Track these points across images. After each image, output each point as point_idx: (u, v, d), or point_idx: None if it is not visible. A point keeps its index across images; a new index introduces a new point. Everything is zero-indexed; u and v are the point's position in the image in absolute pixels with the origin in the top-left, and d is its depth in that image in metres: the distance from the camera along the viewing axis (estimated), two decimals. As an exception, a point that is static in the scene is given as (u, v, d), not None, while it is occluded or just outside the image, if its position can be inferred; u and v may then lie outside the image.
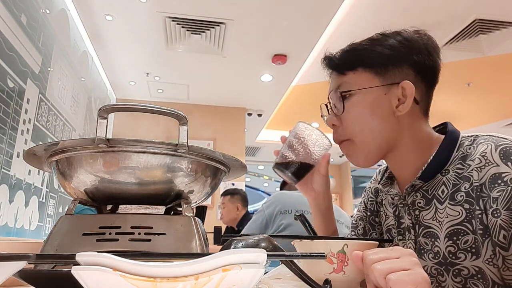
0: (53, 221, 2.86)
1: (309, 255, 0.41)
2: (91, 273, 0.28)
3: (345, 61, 0.79)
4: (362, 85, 0.77)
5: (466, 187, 0.69)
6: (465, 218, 0.68)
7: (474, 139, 0.73)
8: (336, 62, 0.80)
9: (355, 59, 0.78)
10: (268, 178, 10.82)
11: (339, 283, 0.60)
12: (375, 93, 0.76)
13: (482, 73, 4.46)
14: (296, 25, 3.42)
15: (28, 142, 2.37)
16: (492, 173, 0.65)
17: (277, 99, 5.07)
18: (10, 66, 2.13)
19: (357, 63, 0.78)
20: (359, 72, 0.77)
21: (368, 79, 0.77)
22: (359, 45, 0.79)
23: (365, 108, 0.76)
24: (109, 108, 0.53)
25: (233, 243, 0.52)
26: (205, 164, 0.59)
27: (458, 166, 0.72)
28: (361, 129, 0.77)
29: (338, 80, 0.80)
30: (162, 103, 4.99)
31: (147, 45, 3.80)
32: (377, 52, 0.76)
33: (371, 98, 0.76)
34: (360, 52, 0.78)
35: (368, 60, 0.77)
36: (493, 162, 0.65)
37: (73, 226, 0.53)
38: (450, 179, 0.72)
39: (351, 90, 0.77)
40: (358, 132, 0.77)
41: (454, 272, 0.69)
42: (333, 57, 0.81)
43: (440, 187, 0.74)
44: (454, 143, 0.75)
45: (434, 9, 3.23)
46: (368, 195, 0.98)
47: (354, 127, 0.78)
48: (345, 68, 0.79)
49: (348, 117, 0.78)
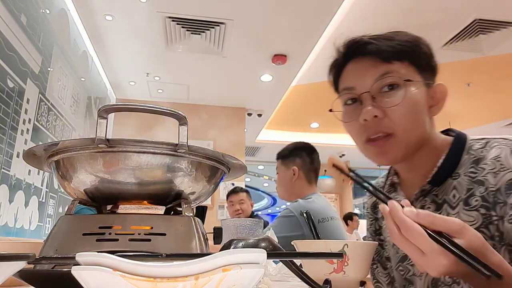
0: (53, 221, 2.86)
1: (326, 253, 0.41)
2: (91, 273, 0.28)
3: (391, 48, 0.72)
4: (411, 78, 0.72)
5: (481, 191, 0.67)
6: (482, 224, 0.66)
7: (487, 142, 0.72)
8: (381, 48, 0.72)
9: (405, 50, 0.73)
10: (268, 178, 10.81)
11: (339, 283, 0.60)
12: (422, 88, 0.73)
13: (482, 73, 4.46)
14: (296, 25, 3.42)
15: (28, 142, 2.37)
16: (508, 178, 0.64)
17: (277, 99, 5.07)
18: (10, 66, 2.13)
19: (406, 55, 0.72)
20: (406, 65, 0.72)
21: (413, 73, 0.73)
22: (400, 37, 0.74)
23: (417, 102, 0.72)
24: (109, 108, 0.53)
25: (233, 243, 0.52)
26: (205, 164, 0.59)
27: (471, 170, 0.70)
28: (410, 123, 0.71)
29: (381, 67, 0.72)
30: (162, 103, 4.99)
31: (147, 45, 3.80)
32: (423, 49, 0.74)
33: (420, 94, 0.72)
34: (407, 44, 0.73)
35: (415, 54, 0.73)
36: (509, 167, 0.64)
37: (73, 226, 0.53)
38: (462, 183, 0.71)
39: (413, 80, 0.71)
40: (407, 126, 0.71)
41: None
42: (374, 41, 0.74)
43: (451, 192, 0.72)
44: (462, 145, 0.74)
45: (434, 9, 3.23)
46: (368, 217, 0.96)
47: (404, 120, 0.71)
48: (393, 56, 0.72)
49: (399, 110, 0.70)
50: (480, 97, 5.13)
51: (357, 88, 0.74)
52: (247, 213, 3.34)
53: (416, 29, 0.79)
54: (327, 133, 6.75)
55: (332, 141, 6.86)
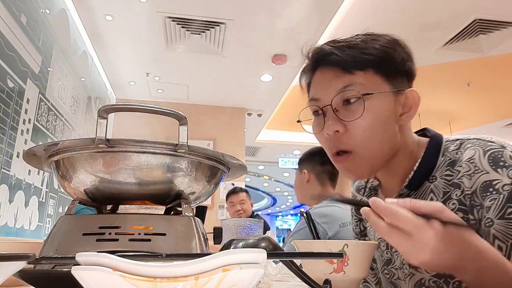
0: (53, 221, 2.86)
1: (327, 253, 0.41)
2: (91, 273, 0.28)
3: (355, 58, 0.69)
4: (374, 88, 0.69)
5: (457, 194, 0.66)
6: None
7: (461, 143, 0.70)
8: (342, 58, 0.70)
9: (367, 59, 0.69)
10: (268, 178, 10.81)
11: (339, 283, 0.60)
12: (387, 99, 0.70)
13: (482, 73, 4.46)
14: (296, 25, 3.43)
15: (28, 142, 2.37)
16: (482, 180, 0.62)
17: (277, 99, 5.07)
18: (10, 66, 2.13)
19: (369, 64, 0.69)
20: (369, 74, 0.69)
21: (378, 82, 0.70)
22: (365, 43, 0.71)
23: (379, 115, 0.68)
24: (109, 108, 0.53)
25: (233, 243, 0.52)
26: (205, 164, 0.59)
27: (447, 173, 0.69)
28: (371, 139, 0.68)
29: (343, 78, 0.70)
30: (162, 103, 4.99)
31: (147, 45, 3.80)
32: (393, 55, 0.70)
33: (384, 105, 0.69)
34: (371, 52, 0.70)
35: (381, 62, 0.70)
36: (483, 169, 0.63)
37: (73, 226, 0.53)
38: (438, 186, 0.69)
39: (372, 93, 0.68)
40: (367, 142, 0.69)
41: (455, 284, 0.67)
42: (336, 51, 0.70)
43: (428, 195, 0.71)
44: (438, 147, 0.72)
45: (434, 9, 3.23)
46: (353, 217, 0.96)
47: (364, 136, 0.68)
48: (354, 66, 0.69)
49: (360, 124, 0.68)
50: (480, 97, 5.14)
51: (321, 99, 0.73)
52: (248, 213, 3.35)
53: (416, 29, 0.79)
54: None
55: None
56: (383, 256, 0.83)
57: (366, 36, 0.73)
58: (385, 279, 0.83)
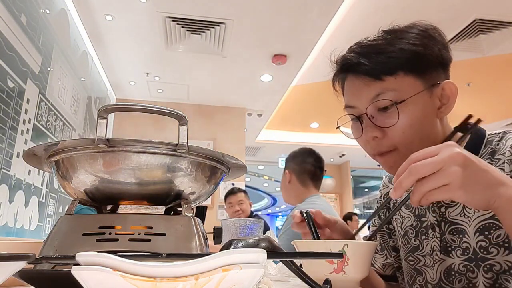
0: (53, 221, 2.86)
1: (327, 253, 0.41)
2: (91, 273, 0.28)
3: (381, 64, 0.69)
4: (408, 91, 0.69)
5: None
6: None
7: (502, 135, 0.72)
8: (370, 66, 0.70)
9: (395, 63, 0.69)
10: (268, 178, 10.81)
11: (339, 283, 0.60)
12: (422, 98, 0.70)
13: (482, 73, 4.46)
14: (296, 25, 3.42)
15: (28, 142, 2.37)
16: None
17: (277, 99, 5.07)
18: (10, 66, 2.13)
19: (397, 67, 0.69)
20: (400, 77, 0.69)
21: (411, 83, 0.70)
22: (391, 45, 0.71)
23: (416, 115, 0.69)
24: (109, 108, 0.53)
25: (233, 243, 0.52)
26: (205, 164, 0.59)
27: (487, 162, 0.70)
28: (412, 138, 0.70)
29: (374, 86, 0.70)
30: (162, 103, 4.99)
31: (147, 45, 3.80)
32: (418, 54, 0.70)
33: (420, 105, 0.70)
34: (399, 55, 0.69)
35: (410, 62, 0.69)
36: None
37: (73, 226, 0.53)
38: None
39: (405, 99, 0.68)
40: (408, 142, 0.70)
41: (485, 268, 0.67)
42: (363, 60, 0.71)
43: None
44: (481, 140, 0.73)
45: (434, 9, 3.23)
46: (381, 204, 0.96)
47: (404, 137, 0.70)
48: (384, 72, 0.69)
49: (398, 128, 0.69)
50: (480, 97, 5.13)
51: (355, 107, 0.74)
52: (247, 213, 3.35)
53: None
54: (327, 133, 6.75)
55: (332, 141, 6.87)
56: (409, 243, 0.83)
57: (392, 35, 0.73)
58: (408, 266, 0.83)
